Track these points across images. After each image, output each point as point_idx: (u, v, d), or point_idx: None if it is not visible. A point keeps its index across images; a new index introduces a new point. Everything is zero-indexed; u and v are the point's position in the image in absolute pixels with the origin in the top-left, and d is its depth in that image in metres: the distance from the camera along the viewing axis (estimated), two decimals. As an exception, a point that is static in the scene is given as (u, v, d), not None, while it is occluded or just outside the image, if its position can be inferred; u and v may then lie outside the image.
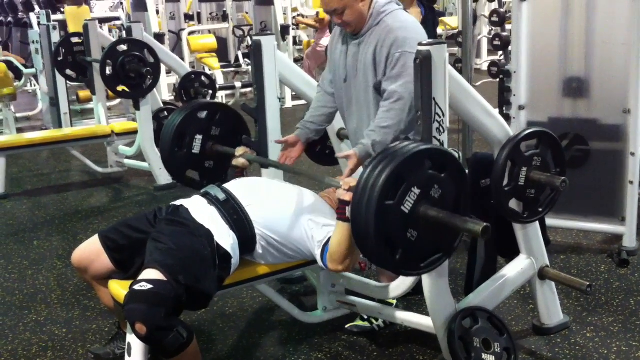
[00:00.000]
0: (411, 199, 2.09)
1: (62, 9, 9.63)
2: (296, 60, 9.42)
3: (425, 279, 2.49)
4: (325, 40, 8.33)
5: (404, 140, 2.32)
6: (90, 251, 2.56)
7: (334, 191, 2.83)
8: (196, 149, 3.07)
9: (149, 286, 2.20)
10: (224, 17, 11.31)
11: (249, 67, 9.24)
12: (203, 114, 3.09)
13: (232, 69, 10.53)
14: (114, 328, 2.94)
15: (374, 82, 2.70)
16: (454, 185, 2.19)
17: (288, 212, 2.60)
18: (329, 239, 2.48)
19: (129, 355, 2.35)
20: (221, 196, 2.60)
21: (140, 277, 2.25)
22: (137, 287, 2.21)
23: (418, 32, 2.68)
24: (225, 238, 2.48)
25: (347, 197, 2.29)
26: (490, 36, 6.72)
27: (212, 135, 3.09)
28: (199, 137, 3.07)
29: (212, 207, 2.57)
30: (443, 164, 2.17)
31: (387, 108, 2.63)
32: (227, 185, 2.70)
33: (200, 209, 2.57)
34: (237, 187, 2.69)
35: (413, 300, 3.17)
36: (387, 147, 2.21)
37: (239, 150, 2.97)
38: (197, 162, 3.10)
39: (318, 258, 2.52)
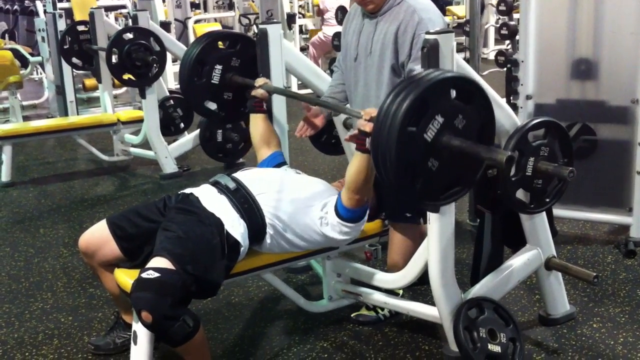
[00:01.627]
0: (434, 127, 2.02)
1: (68, -3, 9.62)
2: (302, 49, 9.38)
3: (432, 269, 2.49)
4: (329, 30, 8.29)
5: (428, 68, 2.26)
6: (99, 237, 2.54)
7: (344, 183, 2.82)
8: (215, 79, 3.03)
9: (157, 275, 2.20)
10: (230, 6, 11.31)
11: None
12: (224, 44, 3.05)
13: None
14: (113, 317, 2.93)
15: (392, 63, 2.71)
16: (479, 116, 2.12)
17: (299, 200, 2.60)
18: (340, 193, 2.53)
19: (135, 343, 2.35)
20: (231, 185, 2.59)
21: (149, 265, 2.25)
22: (144, 275, 2.20)
23: (438, 15, 2.75)
24: (236, 227, 2.47)
25: (368, 127, 2.28)
26: (498, 25, 6.68)
27: (232, 66, 3.05)
28: (218, 67, 3.02)
29: (222, 196, 2.56)
30: (469, 94, 2.10)
31: None
32: (236, 175, 2.69)
33: (210, 197, 2.56)
34: (247, 176, 2.68)
35: (419, 290, 3.16)
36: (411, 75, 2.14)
37: (259, 81, 2.93)
38: (216, 92, 3.06)
39: (332, 214, 2.54)
